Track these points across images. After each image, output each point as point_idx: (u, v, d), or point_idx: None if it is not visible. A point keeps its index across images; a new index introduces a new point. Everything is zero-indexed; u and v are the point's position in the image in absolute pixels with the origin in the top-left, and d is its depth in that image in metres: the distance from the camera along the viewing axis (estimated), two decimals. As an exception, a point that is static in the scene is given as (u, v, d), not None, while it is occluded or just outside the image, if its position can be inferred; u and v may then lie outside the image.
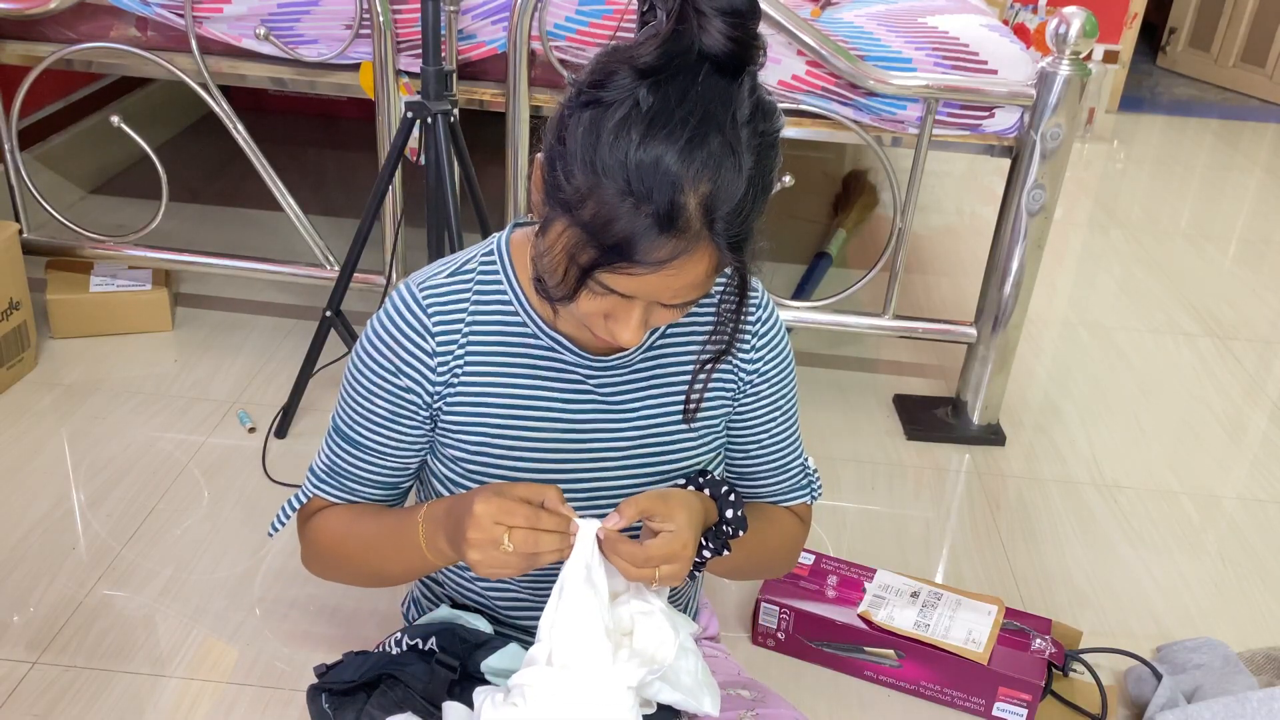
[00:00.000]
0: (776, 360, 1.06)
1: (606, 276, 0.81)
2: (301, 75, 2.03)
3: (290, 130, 3.46)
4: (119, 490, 1.82)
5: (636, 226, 0.78)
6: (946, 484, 2.03)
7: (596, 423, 1.01)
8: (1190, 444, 2.21)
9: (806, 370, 2.37)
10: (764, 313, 1.05)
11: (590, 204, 0.79)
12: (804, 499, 1.15)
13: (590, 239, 0.80)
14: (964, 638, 1.50)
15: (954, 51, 1.96)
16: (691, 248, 0.79)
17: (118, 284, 2.27)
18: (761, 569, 1.19)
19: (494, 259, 1.00)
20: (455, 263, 1.01)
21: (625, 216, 0.78)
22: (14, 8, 1.99)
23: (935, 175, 3.63)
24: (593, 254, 0.80)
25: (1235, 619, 1.73)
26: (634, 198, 0.77)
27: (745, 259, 0.85)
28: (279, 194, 2.15)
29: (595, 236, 0.79)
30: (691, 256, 0.80)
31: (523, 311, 0.98)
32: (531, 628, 1.07)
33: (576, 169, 0.79)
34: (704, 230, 0.79)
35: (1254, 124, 4.52)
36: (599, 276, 0.81)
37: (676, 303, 0.85)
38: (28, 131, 2.61)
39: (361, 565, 1.04)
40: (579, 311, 0.87)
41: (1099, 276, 2.98)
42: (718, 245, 0.81)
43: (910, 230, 2.09)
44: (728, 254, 0.82)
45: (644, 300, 0.85)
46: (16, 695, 1.42)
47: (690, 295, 0.85)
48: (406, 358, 0.97)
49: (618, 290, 0.83)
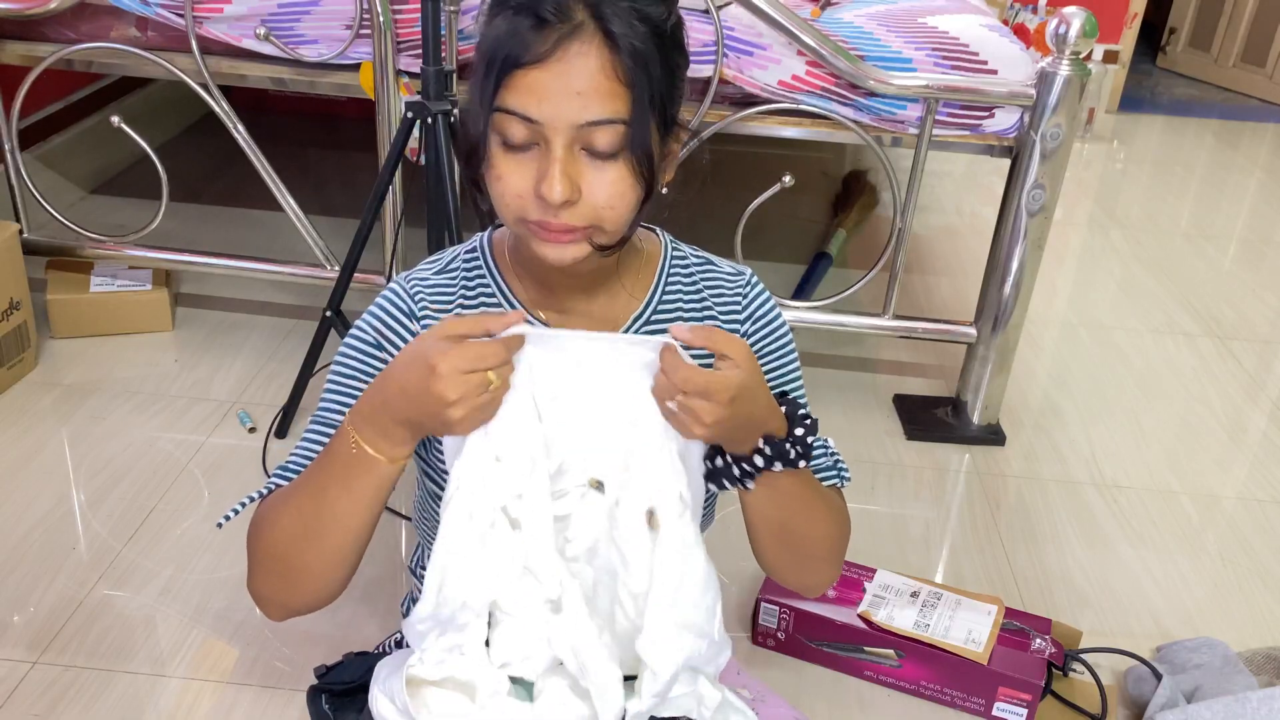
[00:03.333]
0: (769, 339, 1.05)
1: (505, 96, 0.84)
2: (301, 75, 2.03)
3: (290, 130, 3.47)
4: (119, 490, 1.82)
5: (517, 28, 0.82)
6: (946, 484, 2.03)
7: None
8: (1190, 444, 2.21)
9: (806, 370, 2.35)
10: (754, 305, 1.05)
11: (482, 42, 0.85)
12: (833, 480, 1.06)
13: (487, 67, 0.84)
14: (964, 638, 1.50)
15: (954, 51, 1.96)
16: (575, 33, 0.82)
17: (118, 284, 2.27)
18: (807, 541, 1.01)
19: (477, 256, 1.01)
20: (439, 262, 1.01)
21: (507, 26, 0.83)
22: (14, 8, 1.99)
23: (935, 175, 3.63)
24: (491, 82, 0.84)
25: (1235, 619, 1.73)
26: (513, 7, 0.83)
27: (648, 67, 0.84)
28: (279, 194, 2.15)
29: (489, 62, 0.84)
30: (578, 45, 0.82)
31: (507, 304, 0.99)
32: None
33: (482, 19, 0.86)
34: (585, 15, 0.83)
35: (1254, 124, 4.52)
36: (499, 102, 0.84)
37: (584, 120, 0.83)
38: (28, 131, 2.61)
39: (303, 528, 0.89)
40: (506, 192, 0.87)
41: (1099, 276, 2.98)
42: (607, 32, 0.82)
43: (910, 230, 2.09)
44: (620, 50, 0.83)
45: (559, 134, 0.84)
46: (16, 695, 1.42)
47: (597, 106, 0.83)
48: (389, 335, 0.97)
49: (520, 111, 0.83)
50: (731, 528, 1.82)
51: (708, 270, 1.06)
